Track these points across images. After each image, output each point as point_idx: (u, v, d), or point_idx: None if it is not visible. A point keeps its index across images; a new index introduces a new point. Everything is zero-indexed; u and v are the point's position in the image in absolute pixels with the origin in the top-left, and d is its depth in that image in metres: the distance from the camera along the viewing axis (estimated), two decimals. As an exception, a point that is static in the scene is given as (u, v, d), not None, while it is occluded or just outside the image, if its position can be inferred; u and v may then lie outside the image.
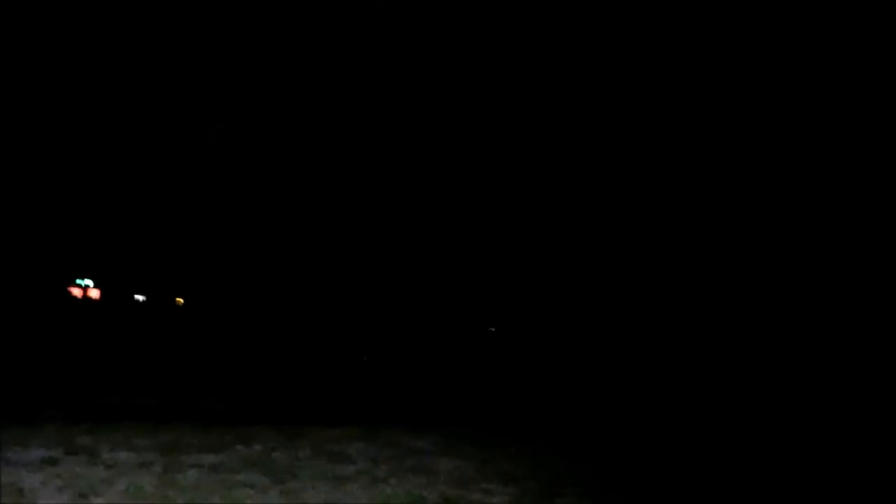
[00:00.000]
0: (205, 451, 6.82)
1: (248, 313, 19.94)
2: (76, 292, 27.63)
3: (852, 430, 10.32)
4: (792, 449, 9.29)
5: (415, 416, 10.03)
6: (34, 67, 16.44)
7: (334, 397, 11.56)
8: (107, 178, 19.94)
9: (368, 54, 16.39)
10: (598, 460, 8.01)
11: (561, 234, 17.59)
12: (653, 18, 15.96)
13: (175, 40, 16.33)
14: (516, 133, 17.21)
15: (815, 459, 8.67)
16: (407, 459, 7.06)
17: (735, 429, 10.33)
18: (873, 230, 14.75)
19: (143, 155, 18.87)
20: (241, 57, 16.59)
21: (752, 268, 16.24)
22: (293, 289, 19.66)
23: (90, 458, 6.22)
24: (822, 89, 15.13)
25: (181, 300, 28.60)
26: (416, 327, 17.81)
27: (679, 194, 16.57)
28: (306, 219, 18.72)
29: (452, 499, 5.83)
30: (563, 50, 16.35)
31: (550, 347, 16.97)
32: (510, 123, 17.05)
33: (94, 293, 27.72)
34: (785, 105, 15.61)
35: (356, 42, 16.21)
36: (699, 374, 14.46)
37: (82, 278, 27.54)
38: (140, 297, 28.20)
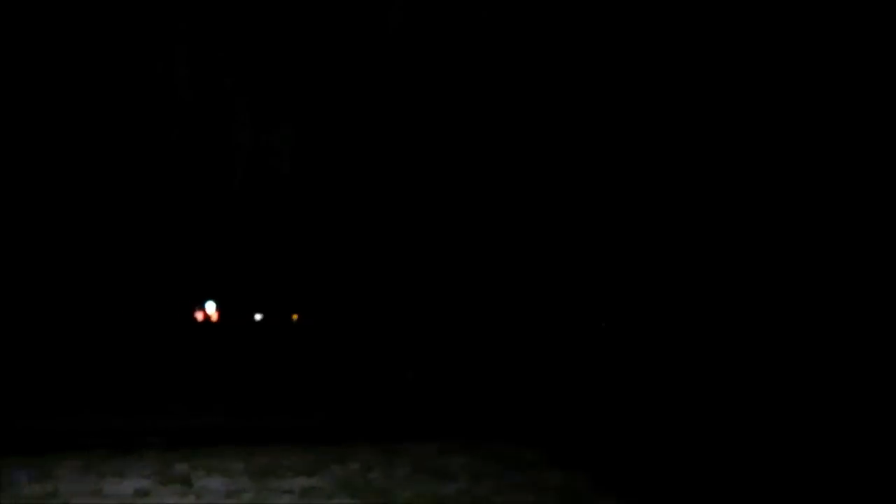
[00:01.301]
0: (300, 473, 6.50)
1: (349, 326, 19.92)
2: (199, 316, 28.78)
3: (852, 430, 9.05)
4: (797, 450, 8.07)
5: (518, 424, 9.40)
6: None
7: (433, 408, 11.10)
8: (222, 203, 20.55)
9: (386, 71, 16.34)
10: (727, 470, 7.12)
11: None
12: (653, 19, 15.69)
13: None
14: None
15: (815, 460, 7.49)
16: (512, 474, 6.46)
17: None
18: (873, 230, 14.32)
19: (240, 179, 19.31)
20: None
21: (754, 268, 15.54)
22: (389, 298, 19.50)
23: (183, 487, 6.01)
24: (822, 89, 14.76)
25: (296, 316, 29.21)
26: (517, 330, 17.18)
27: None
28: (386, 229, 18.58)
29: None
30: (579, 64, 16.03)
31: (663, 345, 15.89)
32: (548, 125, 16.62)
33: (213, 315, 28.77)
34: (785, 105, 15.19)
35: (374, 59, 16.20)
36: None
37: (206, 301, 28.66)
38: (258, 316, 29.05)
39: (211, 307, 28.71)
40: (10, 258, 16.57)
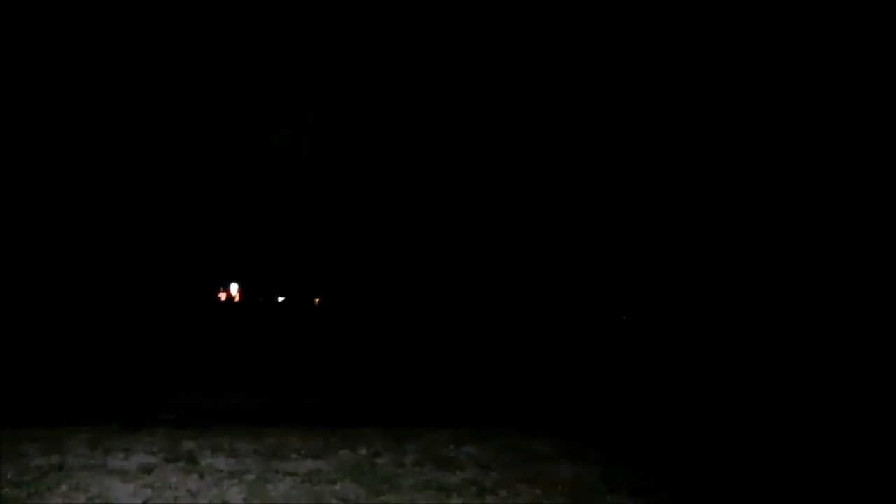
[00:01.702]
0: (307, 455, 6.44)
1: (369, 310, 19.91)
2: (222, 296, 29.09)
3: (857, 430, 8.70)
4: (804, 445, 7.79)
5: (533, 415, 9.24)
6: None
7: (449, 394, 10.99)
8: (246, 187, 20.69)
9: (386, 71, 16.36)
10: (744, 470, 6.92)
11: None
12: (653, 19, 15.58)
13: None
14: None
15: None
16: (522, 466, 6.33)
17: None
18: (873, 230, 14.32)
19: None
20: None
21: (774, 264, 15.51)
22: (410, 284, 19.46)
23: (188, 465, 5.98)
24: (822, 89, 14.70)
25: (318, 300, 29.35)
26: (535, 319, 17.00)
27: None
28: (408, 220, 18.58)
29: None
30: (582, 69, 16.05)
31: (681, 339, 15.61)
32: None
33: (236, 295, 29.06)
34: (785, 105, 15.13)
35: (374, 59, 16.22)
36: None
37: (229, 283, 28.98)
38: (280, 298, 29.28)
39: (234, 288, 29.06)
40: (50, 241, 16.84)
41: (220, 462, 6.10)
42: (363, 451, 6.69)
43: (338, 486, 5.51)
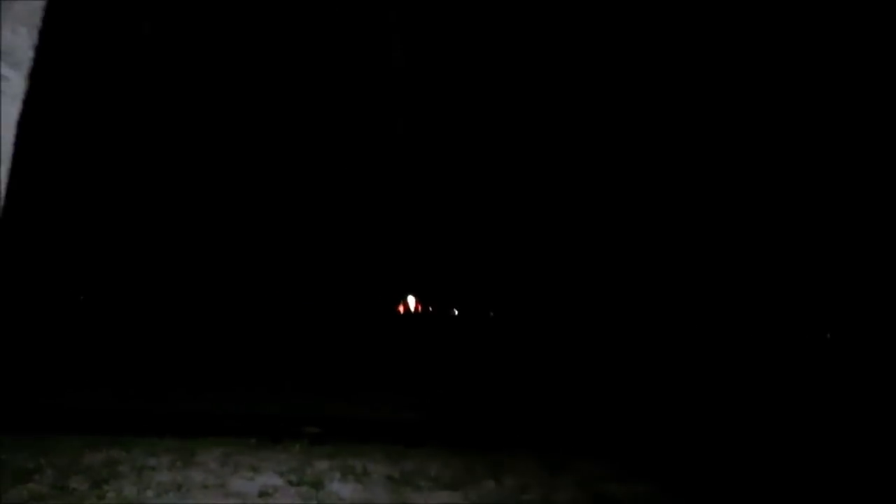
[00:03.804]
0: (443, 486, 5.63)
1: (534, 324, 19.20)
2: (401, 308, 29.69)
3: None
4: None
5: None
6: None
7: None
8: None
9: (390, 110, 16.03)
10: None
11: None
12: (654, 19, 15.18)
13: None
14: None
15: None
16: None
17: None
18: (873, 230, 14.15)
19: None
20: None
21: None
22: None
23: (311, 489, 5.39)
24: (822, 89, 14.35)
25: (492, 313, 29.03)
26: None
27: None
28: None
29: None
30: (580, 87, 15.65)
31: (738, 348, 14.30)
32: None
33: (413, 307, 29.49)
34: (785, 105, 14.83)
35: (378, 98, 16.06)
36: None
37: (407, 295, 29.59)
38: (455, 311, 29.36)
39: (412, 301, 29.44)
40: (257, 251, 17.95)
41: (347, 489, 5.45)
42: (510, 483, 5.77)
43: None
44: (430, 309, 28.74)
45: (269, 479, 5.64)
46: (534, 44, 15.87)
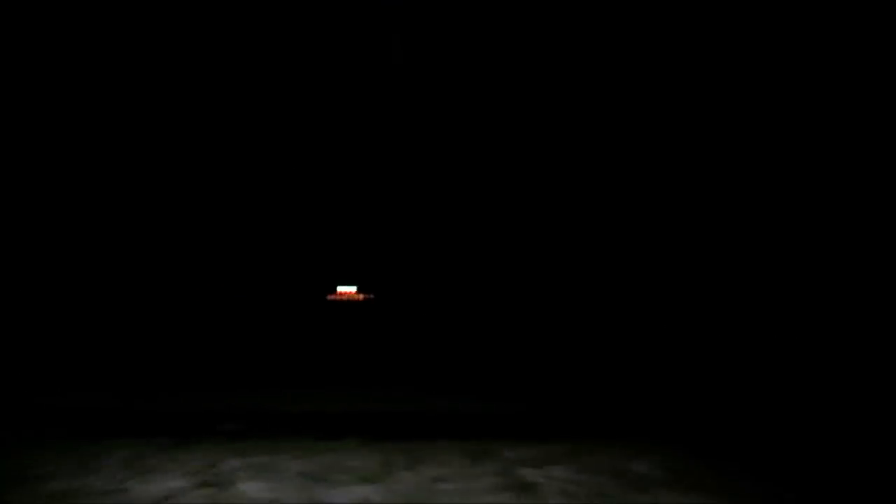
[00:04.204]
0: (359, 480, 5.46)
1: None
2: (337, 296, 29.27)
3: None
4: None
5: (623, 427, 7.81)
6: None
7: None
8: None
9: (389, 111, 15.87)
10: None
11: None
12: (654, 19, 15.18)
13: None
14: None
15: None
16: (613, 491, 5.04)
17: None
18: (873, 230, 14.17)
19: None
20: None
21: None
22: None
23: (219, 491, 5.14)
24: (822, 89, 14.44)
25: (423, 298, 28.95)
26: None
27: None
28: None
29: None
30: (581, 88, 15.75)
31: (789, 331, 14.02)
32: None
33: (351, 295, 29.14)
34: (785, 105, 14.84)
35: (376, 99, 15.85)
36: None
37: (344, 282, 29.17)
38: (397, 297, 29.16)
39: (348, 288, 29.12)
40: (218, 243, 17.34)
41: (255, 487, 5.23)
42: (428, 473, 5.63)
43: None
44: (372, 296, 28.42)
45: (174, 482, 5.37)
46: (534, 44, 15.71)
